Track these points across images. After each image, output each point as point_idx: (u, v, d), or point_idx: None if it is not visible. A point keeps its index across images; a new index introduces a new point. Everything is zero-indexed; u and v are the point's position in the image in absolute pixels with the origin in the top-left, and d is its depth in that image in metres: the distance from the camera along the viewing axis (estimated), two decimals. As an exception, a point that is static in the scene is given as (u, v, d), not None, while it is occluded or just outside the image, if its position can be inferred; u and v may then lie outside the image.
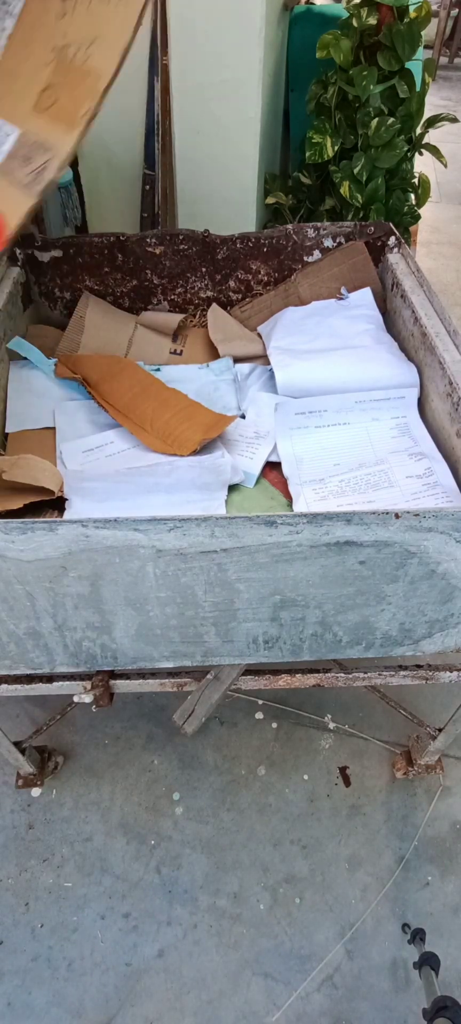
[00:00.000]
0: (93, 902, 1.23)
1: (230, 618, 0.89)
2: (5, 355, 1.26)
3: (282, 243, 1.41)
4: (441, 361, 1.08)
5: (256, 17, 1.52)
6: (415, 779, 1.40)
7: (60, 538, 0.75)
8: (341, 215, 1.84)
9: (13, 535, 0.75)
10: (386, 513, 0.76)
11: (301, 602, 0.87)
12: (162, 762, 1.42)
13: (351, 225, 1.41)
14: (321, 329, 1.31)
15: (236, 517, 0.75)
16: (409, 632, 0.95)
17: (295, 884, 1.26)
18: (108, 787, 1.38)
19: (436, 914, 1.23)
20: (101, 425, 1.20)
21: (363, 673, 1.10)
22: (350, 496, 1.02)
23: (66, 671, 1.00)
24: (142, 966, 1.17)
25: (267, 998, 1.14)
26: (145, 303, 1.47)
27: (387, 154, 1.71)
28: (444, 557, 0.82)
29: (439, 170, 3.77)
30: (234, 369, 1.32)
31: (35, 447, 1.11)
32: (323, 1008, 1.13)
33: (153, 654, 0.96)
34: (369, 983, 1.15)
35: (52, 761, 1.39)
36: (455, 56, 6.81)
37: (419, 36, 1.62)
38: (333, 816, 1.35)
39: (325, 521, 0.76)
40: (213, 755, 1.43)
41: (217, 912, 1.23)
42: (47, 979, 1.15)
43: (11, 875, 1.26)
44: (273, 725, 1.49)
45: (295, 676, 1.09)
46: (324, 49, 1.66)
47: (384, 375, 1.20)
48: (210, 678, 1.05)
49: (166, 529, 0.75)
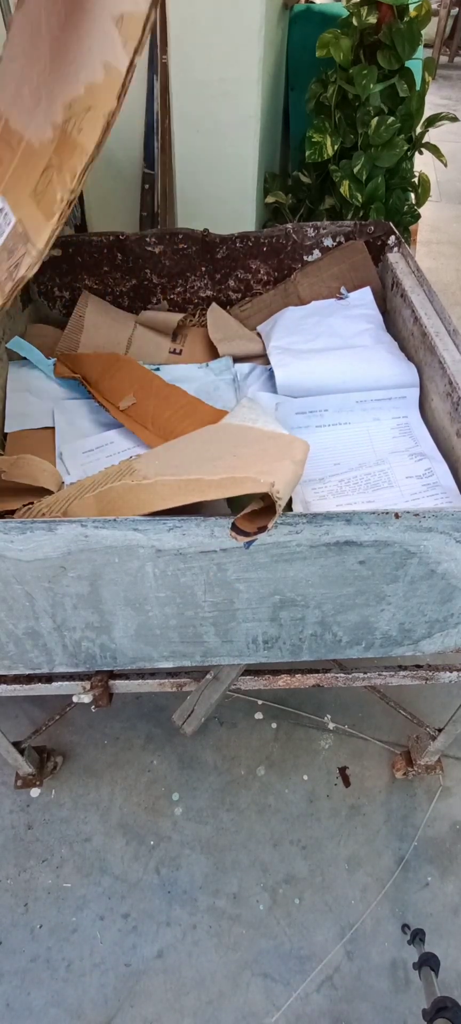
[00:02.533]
0: (92, 903, 1.23)
1: (229, 618, 0.89)
2: (4, 354, 1.26)
3: (282, 242, 1.41)
4: (441, 361, 1.07)
5: (256, 16, 1.52)
6: (415, 779, 1.40)
7: (59, 538, 0.75)
8: (341, 214, 1.84)
9: (12, 535, 0.74)
10: (386, 513, 0.75)
11: (301, 602, 0.87)
12: (161, 762, 1.42)
13: (351, 224, 1.41)
14: (321, 329, 1.31)
15: (236, 517, 0.74)
16: (409, 632, 0.95)
17: (295, 884, 1.26)
18: (107, 787, 1.38)
19: (436, 915, 1.22)
20: (101, 424, 1.20)
21: (363, 673, 1.09)
22: (350, 496, 1.02)
23: (65, 671, 1.00)
24: (141, 967, 1.16)
25: (266, 999, 1.13)
26: (144, 302, 1.47)
27: (387, 153, 1.71)
28: (444, 557, 0.82)
29: (439, 169, 3.77)
30: (234, 369, 1.32)
31: (34, 447, 1.11)
32: (322, 1009, 1.13)
33: (152, 654, 0.96)
34: (369, 984, 1.15)
35: (51, 761, 1.39)
36: (455, 55, 6.81)
37: (419, 35, 1.62)
38: (333, 816, 1.34)
39: (325, 521, 0.76)
40: (212, 755, 1.43)
41: (216, 913, 1.22)
42: (46, 980, 1.15)
43: (10, 876, 1.26)
44: (273, 725, 1.48)
45: (295, 676, 1.09)
46: (324, 48, 1.66)
47: (384, 375, 1.19)
48: (209, 678, 1.04)
49: (165, 529, 0.75)
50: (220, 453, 0.86)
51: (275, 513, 0.69)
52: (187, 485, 0.75)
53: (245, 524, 0.71)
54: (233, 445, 0.88)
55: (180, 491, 0.75)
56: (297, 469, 0.78)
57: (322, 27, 1.71)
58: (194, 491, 0.75)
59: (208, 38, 1.57)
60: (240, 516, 0.72)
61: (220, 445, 0.89)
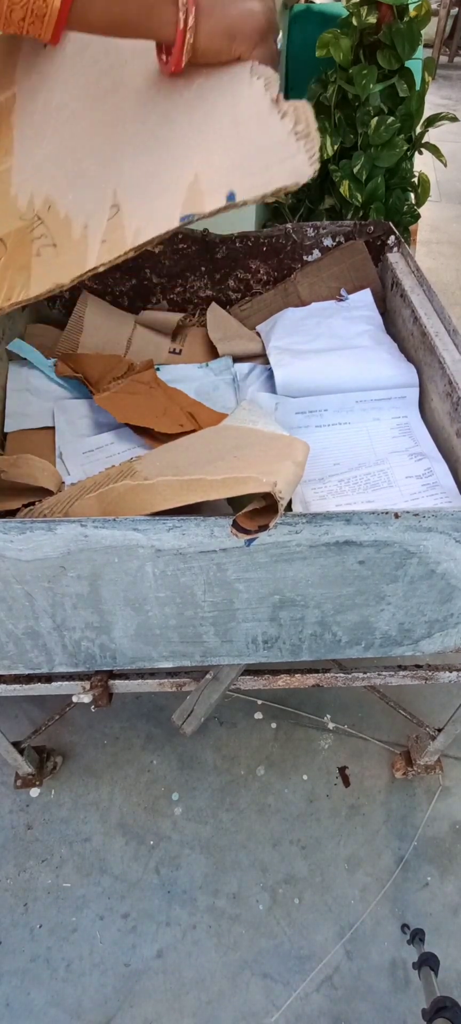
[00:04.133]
0: (92, 902, 1.23)
1: (229, 618, 0.89)
2: (4, 354, 1.26)
3: (281, 242, 1.41)
4: (441, 361, 1.07)
5: (256, 16, 1.52)
6: (414, 779, 1.40)
7: (59, 538, 0.75)
8: (341, 214, 1.84)
9: (12, 534, 0.74)
10: (386, 513, 0.75)
11: (300, 602, 0.87)
12: (161, 762, 1.42)
13: (351, 224, 1.41)
14: (321, 329, 1.31)
15: (236, 515, 0.74)
16: (408, 632, 0.95)
17: (294, 884, 1.26)
18: (107, 787, 1.38)
19: (435, 914, 1.22)
20: (101, 424, 1.19)
21: (362, 673, 1.09)
22: (349, 496, 1.02)
23: (65, 671, 1.00)
24: (141, 967, 1.16)
25: (266, 998, 1.13)
26: (144, 302, 1.47)
27: (387, 153, 1.71)
28: (444, 557, 0.82)
29: (439, 169, 3.77)
30: (233, 368, 1.32)
31: (34, 447, 1.11)
32: (322, 1008, 1.13)
33: (152, 654, 0.96)
34: (368, 983, 1.15)
35: (51, 761, 1.39)
36: (455, 55, 6.81)
37: (419, 35, 1.62)
38: (332, 816, 1.34)
39: (324, 521, 0.76)
40: (212, 755, 1.43)
41: (216, 912, 1.22)
42: (46, 979, 1.15)
43: (10, 875, 1.26)
44: (272, 725, 1.48)
45: (294, 676, 1.09)
46: (324, 48, 1.66)
47: (383, 375, 1.19)
48: (209, 678, 1.04)
49: (165, 529, 0.75)
50: (221, 454, 0.86)
51: (277, 512, 0.69)
52: (189, 485, 0.75)
53: (246, 522, 0.71)
54: (234, 446, 0.88)
55: (182, 491, 0.75)
56: (298, 470, 0.78)
57: (322, 27, 1.71)
58: (196, 491, 0.75)
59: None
60: (241, 514, 0.72)
61: (221, 446, 0.89)
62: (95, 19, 0.59)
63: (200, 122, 0.68)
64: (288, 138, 0.63)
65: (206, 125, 0.68)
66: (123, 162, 0.70)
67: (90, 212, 0.70)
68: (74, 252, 0.70)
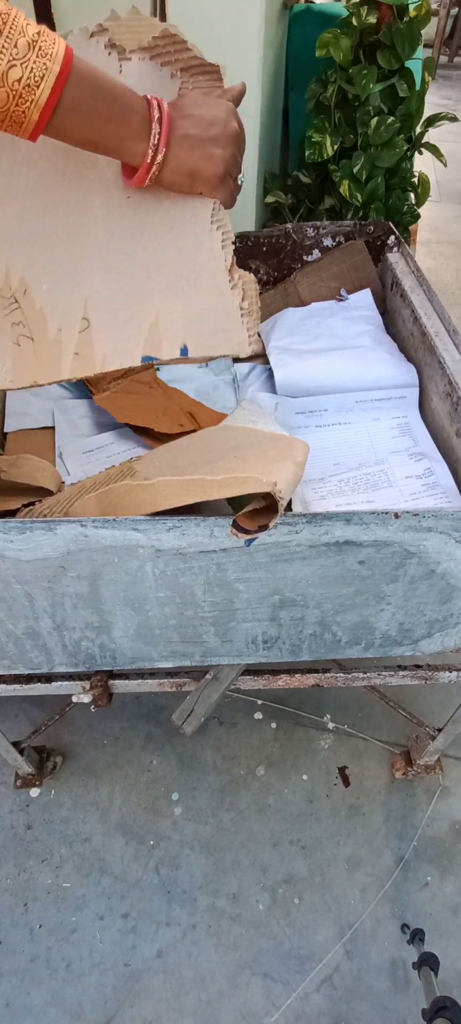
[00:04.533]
0: (92, 902, 1.23)
1: (229, 618, 0.89)
2: (4, 354, 1.26)
3: (281, 242, 1.41)
4: (441, 361, 1.07)
5: (256, 16, 1.52)
6: (414, 779, 1.40)
7: (59, 538, 0.75)
8: (341, 214, 1.84)
9: (12, 534, 0.74)
10: (385, 513, 0.75)
11: (300, 602, 0.87)
12: (161, 762, 1.42)
13: (351, 224, 1.41)
14: (320, 329, 1.31)
15: (236, 515, 0.74)
16: (408, 632, 0.95)
17: (294, 884, 1.26)
18: (107, 787, 1.38)
19: (435, 914, 1.22)
20: (101, 424, 1.20)
21: (362, 673, 1.10)
22: (349, 496, 1.02)
23: (65, 671, 1.00)
24: (141, 967, 1.17)
25: (266, 998, 1.13)
26: (144, 302, 1.47)
27: (387, 153, 1.71)
28: (443, 557, 0.82)
29: (439, 169, 3.77)
30: (233, 368, 1.32)
31: (34, 447, 1.11)
32: (322, 1008, 1.13)
33: (152, 654, 0.96)
34: (368, 983, 1.15)
35: (51, 761, 1.39)
36: (455, 55, 6.80)
37: (419, 35, 1.62)
38: (332, 816, 1.35)
39: (324, 521, 0.76)
40: (212, 755, 1.43)
41: (216, 912, 1.22)
42: (46, 980, 1.15)
43: (9, 875, 1.26)
44: (272, 725, 1.48)
45: (294, 676, 1.09)
46: (324, 48, 1.66)
47: (383, 375, 1.19)
48: (209, 678, 1.05)
49: (165, 529, 0.75)
50: (221, 454, 0.86)
51: (277, 512, 0.69)
52: (189, 485, 0.75)
53: (246, 522, 0.71)
54: (234, 446, 0.88)
55: (182, 491, 0.75)
56: (298, 470, 0.78)
57: (322, 27, 1.71)
58: (196, 491, 0.75)
59: (208, 38, 1.56)
60: (241, 514, 0.72)
61: (221, 446, 0.89)
62: (70, 135, 0.64)
63: (164, 259, 0.73)
64: (235, 312, 0.71)
65: (169, 265, 0.73)
66: (92, 272, 0.75)
67: (63, 315, 0.75)
68: (49, 354, 0.75)
